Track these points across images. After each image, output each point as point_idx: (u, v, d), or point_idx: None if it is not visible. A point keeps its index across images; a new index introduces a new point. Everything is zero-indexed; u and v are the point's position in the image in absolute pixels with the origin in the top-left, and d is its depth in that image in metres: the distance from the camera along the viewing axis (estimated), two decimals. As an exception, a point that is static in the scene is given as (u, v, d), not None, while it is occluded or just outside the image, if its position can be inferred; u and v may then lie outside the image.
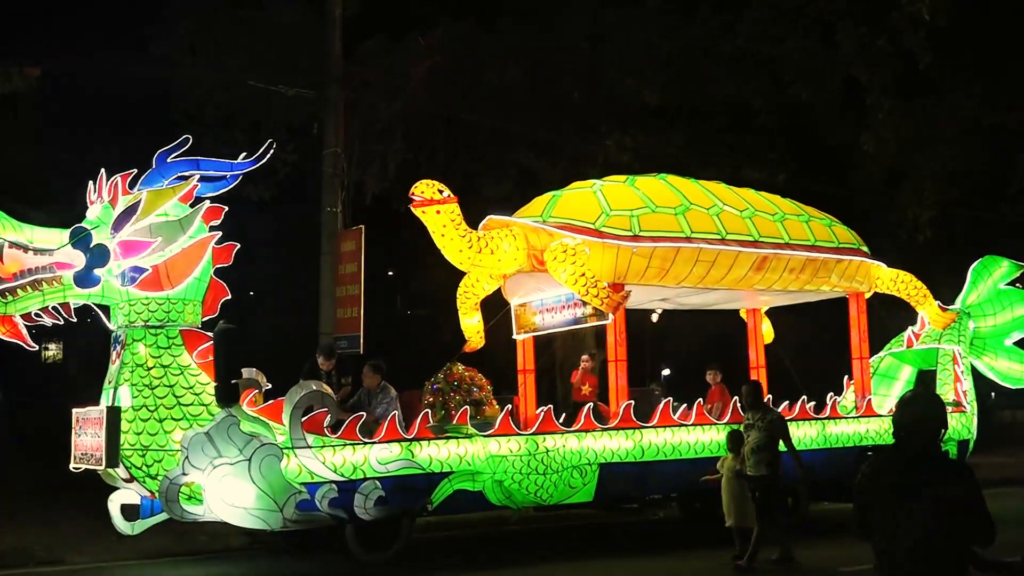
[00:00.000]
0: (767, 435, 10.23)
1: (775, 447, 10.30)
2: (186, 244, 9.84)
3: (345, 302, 14.83)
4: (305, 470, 9.70)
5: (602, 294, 11.15)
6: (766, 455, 10.17)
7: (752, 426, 10.37)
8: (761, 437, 10.23)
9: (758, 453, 10.18)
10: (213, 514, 9.62)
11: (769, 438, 10.24)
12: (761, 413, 10.47)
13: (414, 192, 11.01)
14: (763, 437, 10.22)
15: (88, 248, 9.66)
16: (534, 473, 10.85)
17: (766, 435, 10.23)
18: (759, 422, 10.34)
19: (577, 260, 11.15)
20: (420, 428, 10.36)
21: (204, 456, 9.37)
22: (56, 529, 12.71)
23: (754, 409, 10.56)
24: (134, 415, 9.59)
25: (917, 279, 13.97)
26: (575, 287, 11.23)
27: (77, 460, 10.37)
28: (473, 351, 12.65)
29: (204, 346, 9.93)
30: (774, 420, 10.42)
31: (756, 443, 10.23)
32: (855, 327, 13.73)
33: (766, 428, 10.26)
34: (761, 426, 10.28)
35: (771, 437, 10.27)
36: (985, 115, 21.36)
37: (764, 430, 10.25)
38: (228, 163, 10.37)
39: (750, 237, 12.28)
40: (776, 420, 10.47)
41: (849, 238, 13.48)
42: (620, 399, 11.63)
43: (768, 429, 10.25)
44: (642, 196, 11.98)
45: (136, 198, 9.76)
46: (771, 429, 10.27)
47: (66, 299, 9.73)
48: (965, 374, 14.30)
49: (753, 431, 10.32)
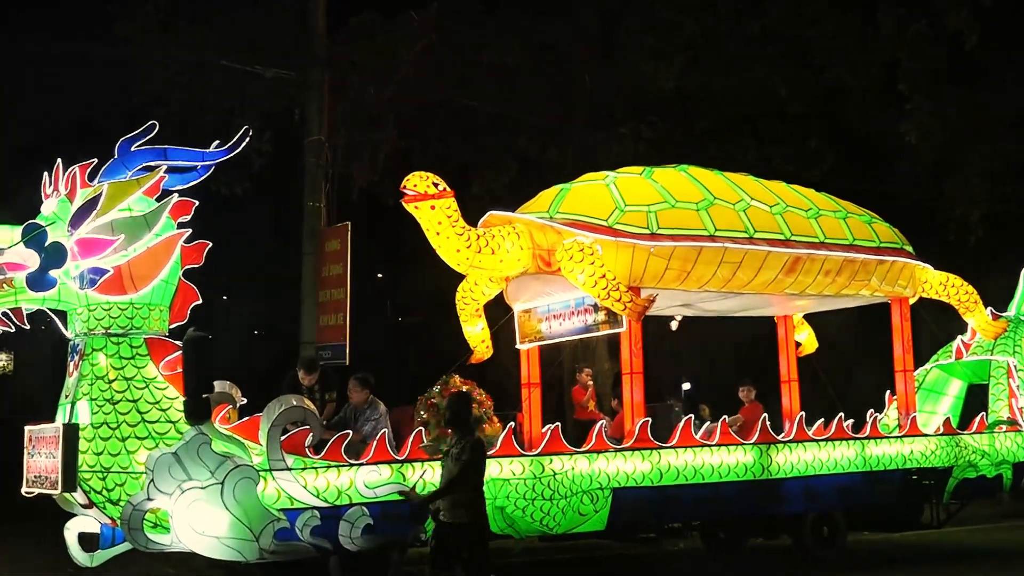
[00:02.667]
0: (457, 465, 8.51)
1: (478, 483, 8.63)
2: (152, 243, 9.79)
3: (329, 308, 14.83)
4: (284, 495, 9.64)
5: (625, 298, 11.11)
6: (463, 495, 8.47)
7: (448, 454, 8.69)
8: (454, 469, 8.54)
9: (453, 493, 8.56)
10: (181, 544, 9.56)
11: (467, 472, 8.49)
12: (459, 437, 8.68)
13: (406, 185, 10.97)
14: (456, 469, 8.51)
15: (42, 247, 9.62)
16: (540, 499, 10.81)
17: (457, 466, 8.51)
18: (454, 448, 8.59)
19: (596, 261, 11.10)
20: (412, 448, 10.31)
21: (172, 479, 9.32)
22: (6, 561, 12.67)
23: (455, 431, 8.81)
24: (93, 433, 9.54)
25: (968, 284, 13.94)
26: (594, 290, 11.18)
27: (30, 484, 10.33)
28: (479, 362, 12.62)
29: (172, 356, 9.88)
30: (466, 447, 8.52)
31: (447, 477, 8.65)
32: (898, 336, 13.68)
33: (457, 457, 8.52)
34: (456, 454, 8.54)
35: (471, 470, 8.52)
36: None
37: (460, 460, 8.50)
38: (199, 152, 10.33)
39: (781, 236, 12.24)
40: (469, 447, 8.54)
41: (891, 237, 13.45)
42: (636, 416, 11.59)
43: (459, 459, 8.49)
44: (660, 190, 11.96)
45: (96, 191, 9.72)
46: (463, 460, 8.47)
47: (18, 304, 9.69)
48: (1021, 389, 14.27)
49: (448, 460, 8.65)
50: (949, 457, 13.40)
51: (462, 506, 8.41)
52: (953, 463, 13.43)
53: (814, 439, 12.48)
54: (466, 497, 8.43)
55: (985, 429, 13.89)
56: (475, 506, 8.48)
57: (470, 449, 8.48)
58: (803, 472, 12.33)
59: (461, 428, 8.73)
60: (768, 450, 12.13)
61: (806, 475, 12.35)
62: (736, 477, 11.86)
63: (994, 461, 13.78)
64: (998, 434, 13.90)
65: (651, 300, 11.33)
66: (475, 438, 8.74)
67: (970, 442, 13.63)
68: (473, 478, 8.50)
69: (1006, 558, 13.92)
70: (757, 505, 12.21)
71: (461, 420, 8.78)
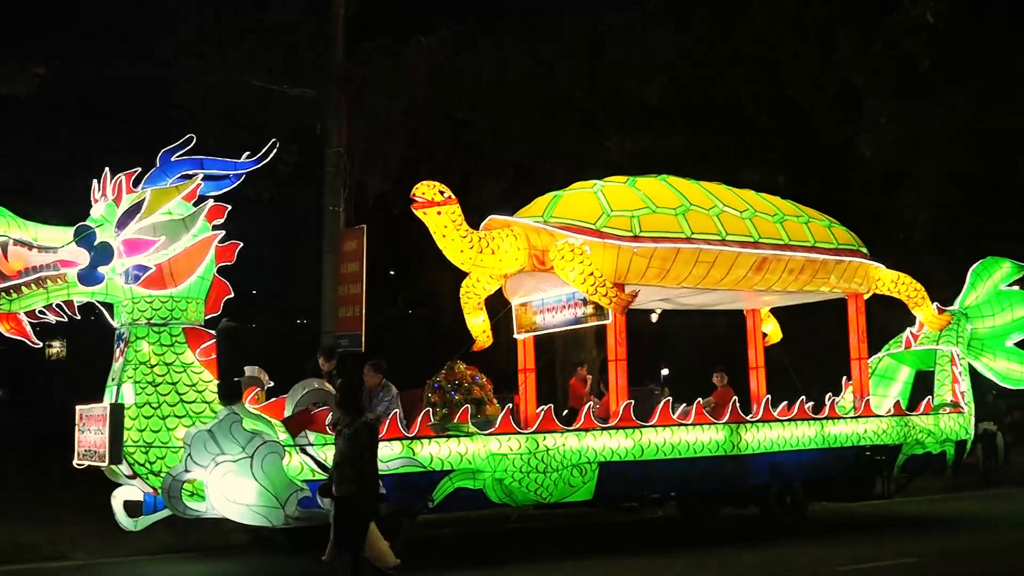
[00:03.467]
0: (351, 445, 8.07)
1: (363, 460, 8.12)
2: (189, 243, 9.81)
3: (347, 301, 14.81)
4: (307, 468, 9.67)
5: (610, 294, 11.15)
6: (351, 470, 8.02)
7: (340, 433, 8.23)
8: (346, 448, 8.10)
9: (341, 468, 8.09)
10: (215, 511, 9.60)
11: (354, 449, 8.06)
12: (351, 418, 8.22)
13: (415, 193, 10.98)
14: (348, 448, 8.08)
15: (92, 246, 9.64)
16: (534, 472, 10.83)
17: (350, 445, 8.07)
18: (347, 428, 8.16)
19: (585, 260, 11.13)
20: (421, 426, 10.34)
21: (207, 453, 9.36)
22: (60, 525, 12.69)
23: (345, 411, 8.32)
24: (137, 412, 9.57)
25: (916, 281, 13.96)
26: (583, 287, 11.21)
27: (81, 457, 10.36)
28: (481, 350, 12.61)
29: (207, 344, 9.91)
30: (359, 428, 8.13)
31: (340, 455, 8.17)
32: (854, 328, 13.71)
33: (351, 436, 8.09)
34: (347, 433, 8.12)
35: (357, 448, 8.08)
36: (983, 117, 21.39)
37: (349, 439, 8.09)
38: (231, 162, 10.34)
39: (750, 238, 12.26)
40: (362, 428, 8.14)
41: (848, 239, 13.46)
42: (620, 398, 11.61)
43: (352, 438, 8.08)
44: (643, 197, 11.96)
45: (140, 196, 9.73)
46: (355, 438, 8.07)
47: (70, 297, 9.71)
48: (963, 375, 14.29)
49: (340, 439, 8.20)
50: (899, 435, 13.43)
51: (349, 481, 7.97)
52: (902, 441, 13.45)
53: (779, 419, 12.51)
54: (353, 473, 7.97)
55: (931, 411, 13.91)
56: (361, 481, 8.01)
57: (365, 431, 8.10)
58: (769, 449, 12.36)
59: (352, 409, 8.27)
60: (738, 429, 12.16)
61: (771, 451, 12.38)
62: (709, 453, 11.90)
63: (938, 439, 13.79)
64: (942, 415, 13.91)
65: (633, 295, 11.38)
66: (368, 420, 8.37)
67: (917, 422, 13.65)
68: (361, 455, 8.04)
69: (949, 525, 13.96)
70: (728, 478, 12.23)
71: (351, 401, 8.36)
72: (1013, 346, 14.74)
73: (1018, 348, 14.73)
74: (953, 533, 13.06)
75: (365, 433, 8.10)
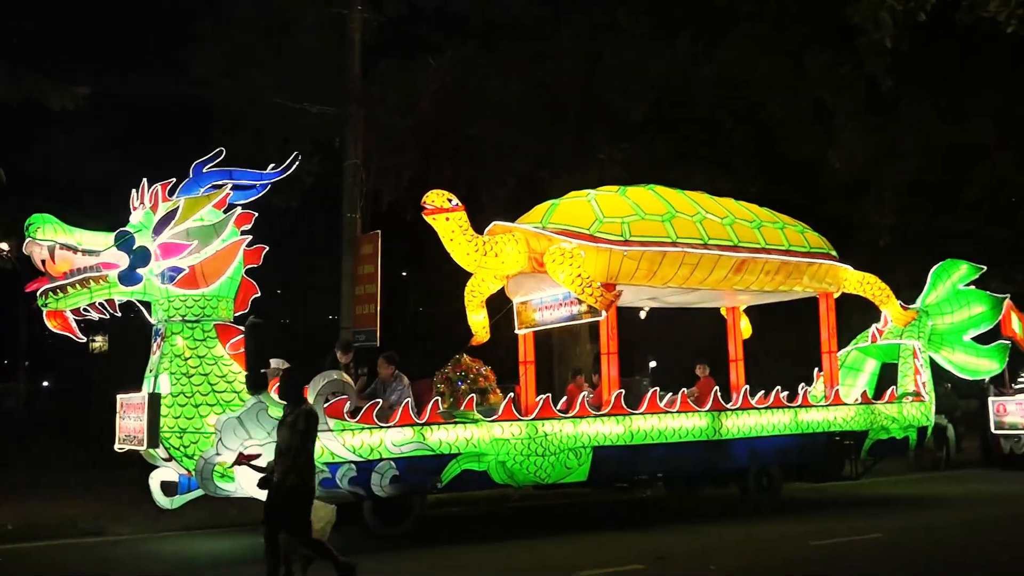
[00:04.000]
0: (292, 434, 7.65)
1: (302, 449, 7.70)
2: (220, 247, 9.80)
3: (363, 299, 14.81)
4: (327, 451, 9.67)
5: (596, 293, 11.13)
6: (291, 459, 7.61)
7: (283, 422, 7.83)
8: (288, 437, 7.67)
9: (283, 457, 7.66)
10: (243, 491, 9.57)
11: (295, 438, 7.64)
12: (292, 407, 7.83)
13: (425, 201, 10.97)
14: (289, 437, 7.66)
15: (131, 250, 9.63)
16: (534, 455, 10.82)
17: (291, 434, 7.65)
18: (289, 418, 7.76)
19: (574, 262, 11.12)
20: (431, 414, 10.33)
21: (235, 438, 9.34)
22: (102, 503, 12.69)
23: (288, 402, 7.95)
24: (173, 401, 9.56)
25: (881, 280, 13.95)
26: (572, 287, 11.20)
27: (121, 441, 10.36)
28: (479, 344, 12.61)
29: (236, 339, 9.91)
30: (298, 417, 7.69)
31: (282, 444, 7.73)
32: (824, 324, 13.70)
33: (292, 425, 7.69)
34: (289, 422, 7.72)
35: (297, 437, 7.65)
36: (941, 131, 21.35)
37: (290, 427, 7.68)
38: (258, 173, 10.33)
39: (730, 242, 12.24)
40: (301, 417, 7.69)
41: (819, 243, 13.45)
42: (612, 388, 11.60)
43: (293, 426, 7.67)
44: (632, 204, 11.95)
45: (175, 204, 9.72)
46: (295, 427, 7.66)
47: (111, 296, 9.71)
48: (924, 367, 14.28)
49: (283, 429, 7.79)
50: (865, 422, 13.41)
51: (292, 470, 7.56)
52: (869, 427, 13.43)
53: (756, 407, 12.50)
54: (296, 462, 7.57)
55: (895, 400, 13.90)
56: (303, 471, 7.63)
57: (303, 419, 7.65)
58: (747, 434, 12.35)
59: (294, 399, 7.86)
60: (719, 416, 12.15)
61: (750, 436, 12.37)
62: (693, 438, 11.89)
63: (902, 425, 13.78)
64: (905, 404, 13.90)
65: (617, 294, 11.36)
66: (307, 409, 7.82)
67: (883, 410, 13.64)
68: (305, 445, 7.65)
69: (911, 504, 13.95)
70: (710, 461, 12.23)
71: (293, 392, 7.94)
72: (970, 340, 14.74)
73: (975, 342, 14.74)
74: (915, 511, 13.05)
75: (303, 422, 7.65)
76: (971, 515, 12.52)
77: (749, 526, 11.60)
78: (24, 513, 11.81)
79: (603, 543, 10.60)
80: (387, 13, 16.33)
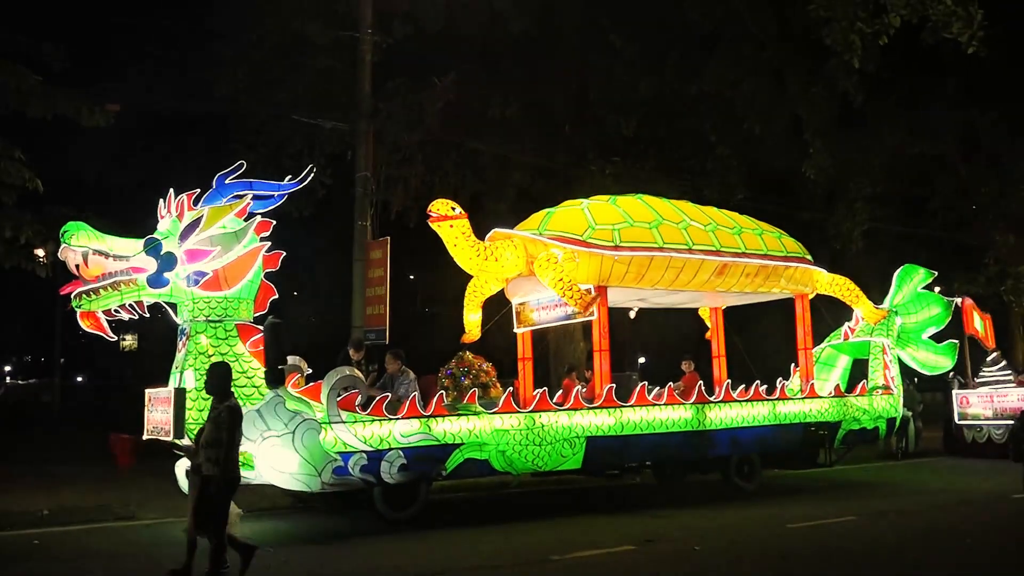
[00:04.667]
0: (216, 428, 7.42)
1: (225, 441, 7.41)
2: (241, 252, 9.79)
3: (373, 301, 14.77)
4: (340, 441, 9.65)
5: (576, 295, 11.11)
6: (214, 452, 7.34)
7: (209, 416, 7.63)
8: (211, 430, 7.45)
9: (207, 449, 7.40)
10: (263, 478, 9.58)
11: (219, 432, 7.39)
12: (217, 402, 7.58)
13: (431, 209, 10.97)
14: (213, 430, 7.43)
15: (159, 255, 9.63)
16: (531, 444, 10.80)
17: (215, 428, 7.43)
18: (213, 412, 7.55)
19: (557, 268, 11.16)
20: (436, 407, 10.31)
21: (255, 429, 9.33)
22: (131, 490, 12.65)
23: (215, 397, 7.66)
24: (197, 395, 9.53)
25: (852, 282, 13.95)
26: (556, 289, 11.21)
27: (149, 432, 10.33)
28: (470, 342, 12.54)
29: (255, 337, 9.90)
30: (222, 412, 7.46)
31: (206, 437, 7.47)
32: (800, 323, 13.70)
33: (215, 419, 7.47)
34: (213, 416, 7.51)
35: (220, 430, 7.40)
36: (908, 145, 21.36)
37: (214, 421, 7.46)
38: (276, 184, 10.33)
39: (712, 247, 12.23)
40: (224, 411, 7.45)
41: (796, 248, 13.44)
42: (604, 382, 11.58)
43: (216, 420, 7.45)
44: (622, 213, 11.94)
45: (199, 213, 9.71)
46: (218, 420, 7.42)
47: (140, 298, 9.70)
48: (892, 363, 14.32)
49: (209, 422, 7.56)
50: (839, 413, 13.41)
51: (213, 461, 7.30)
52: (842, 418, 13.43)
53: (737, 400, 12.49)
54: (220, 455, 7.29)
55: (866, 393, 13.90)
56: (225, 462, 7.31)
57: (226, 413, 7.39)
58: (729, 425, 12.34)
59: (219, 394, 7.58)
60: (703, 408, 12.13)
61: (731, 427, 12.37)
62: (679, 428, 11.88)
63: (873, 417, 13.78)
64: (875, 396, 13.90)
65: (594, 297, 11.29)
66: (230, 404, 7.51)
67: (854, 402, 13.64)
68: (229, 438, 7.35)
69: (881, 489, 13.94)
70: (695, 449, 12.21)
71: (219, 387, 7.62)
72: (928, 339, 14.80)
73: (932, 340, 14.80)
74: (886, 496, 13.03)
75: (227, 416, 7.38)
76: (938, 499, 12.51)
77: (731, 510, 11.58)
78: (59, 499, 11.78)
79: (595, 526, 10.58)
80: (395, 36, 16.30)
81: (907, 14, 14.32)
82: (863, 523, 10.58)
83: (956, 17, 14.05)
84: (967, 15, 14.01)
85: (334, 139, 16.23)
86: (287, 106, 16.09)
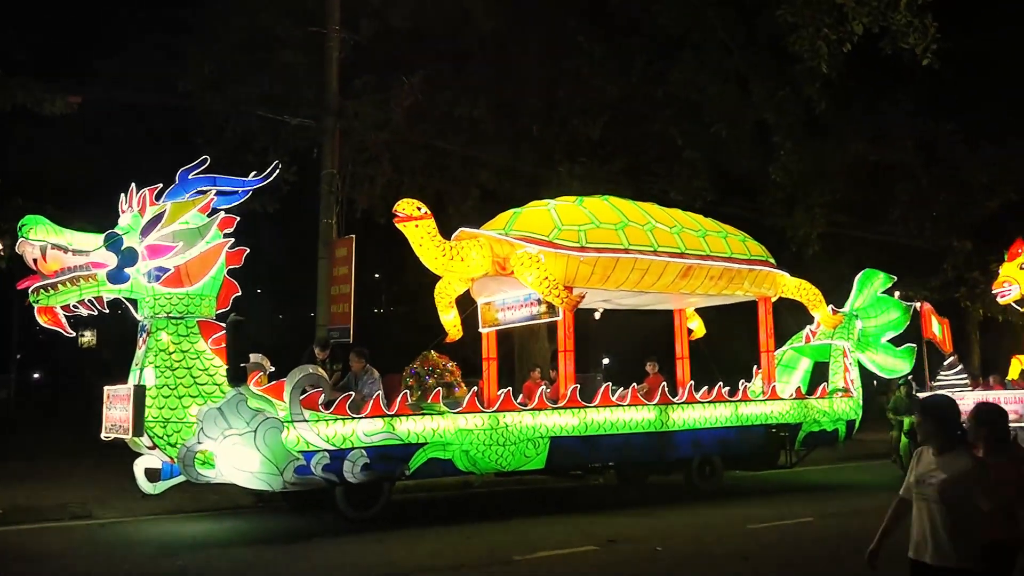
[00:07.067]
0: None
1: None
2: (203, 248, 9.65)
3: (338, 299, 14.67)
4: (303, 440, 9.56)
5: (562, 295, 11.13)
6: None
7: None
8: None
9: None
10: (224, 477, 9.45)
11: None
12: None
13: (397, 209, 10.91)
14: None
15: (119, 250, 9.47)
16: (495, 444, 10.78)
17: None
18: None
19: (541, 266, 11.12)
20: (400, 406, 10.26)
21: (216, 428, 9.21)
22: (88, 488, 12.45)
23: None
24: (157, 392, 9.41)
25: (814, 286, 14.08)
26: (539, 288, 11.19)
27: (108, 430, 10.17)
28: (453, 341, 12.54)
29: (217, 335, 9.77)
30: None
31: None
32: (763, 325, 13.82)
33: None
34: None
35: None
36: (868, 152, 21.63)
37: None
38: (240, 180, 10.21)
39: (677, 249, 12.30)
40: None
41: (759, 251, 13.55)
42: (568, 383, 11.59)
43: None
44: (588, 214, 11.96)
45: (161, 208, 9.57)
46: None
47: (100, 293, 9.53)
48: (852, 366, 14.47)
49: None
50: (799, 415, 13.54)
51: None
52: (802, 420, 13.56)
53: (700, 401, 12.57)
54: None
55: (826, 395, 14.04)
56: None
57: None
58: (692, 426, 12.41)
59: None
60: (666, 409, 12.19)
61: (694, 428, 12.44)
62: (642, 430, 11.93)
63: (832, 419, 13.93)
64: (835, 399, 14.05)
65: (581, 297, 11.37)
66: None
67: (815, 404, 13.77)
68: None
69: (840, 490, 14.08)
70: (658, 450, 12.26)
71: None
72: (887, 342, 14.97)
73: (891, 344, 14.98)
74: (843, 497, 13.17)
75: None
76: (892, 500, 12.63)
77: (692, 511, 11.64)
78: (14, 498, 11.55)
79: (559, 526, 10.57)
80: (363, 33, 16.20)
81: (869, 22, 14.51)
82: (820, 524, 10.68)
83: (912, 28, 14.29)
84: (922, 27, 14.26)
85: (300, 136, 16.08)
86: (252, 102, 15.91)
